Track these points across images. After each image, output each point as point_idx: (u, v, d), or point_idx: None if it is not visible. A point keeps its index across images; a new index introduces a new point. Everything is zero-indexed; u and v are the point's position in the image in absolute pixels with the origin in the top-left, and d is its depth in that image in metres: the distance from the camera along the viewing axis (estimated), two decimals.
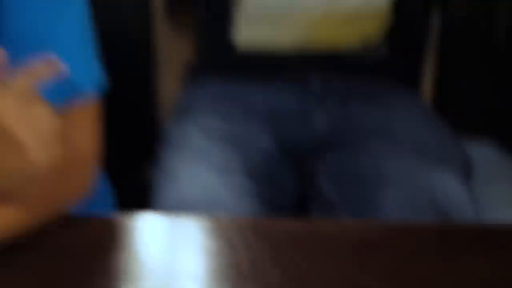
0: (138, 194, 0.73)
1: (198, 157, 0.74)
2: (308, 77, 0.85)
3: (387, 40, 0.86)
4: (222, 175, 0.70)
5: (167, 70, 0.95)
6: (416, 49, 0.94)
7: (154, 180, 0.73)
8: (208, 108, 0.83)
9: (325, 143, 0.82)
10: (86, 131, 0.62)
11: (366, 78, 0.86)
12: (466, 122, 0.86)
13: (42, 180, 0.48)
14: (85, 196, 0.56)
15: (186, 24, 0.99)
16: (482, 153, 0.78)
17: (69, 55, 0.57)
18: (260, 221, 0.60)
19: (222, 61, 0.90)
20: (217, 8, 0.88)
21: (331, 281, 0.43)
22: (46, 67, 0.48)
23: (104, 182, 0.68)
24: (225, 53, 0.89)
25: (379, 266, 0.45)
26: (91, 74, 0.64)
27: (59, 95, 0.57)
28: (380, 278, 0.43)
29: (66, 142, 0.53)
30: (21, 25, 0.64)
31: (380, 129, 0.79)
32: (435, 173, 0.71)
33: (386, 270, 0.44)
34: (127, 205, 0.64)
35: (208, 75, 0.90)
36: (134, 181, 0.81)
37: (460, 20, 0.90)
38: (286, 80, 0.86)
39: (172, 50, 0.97)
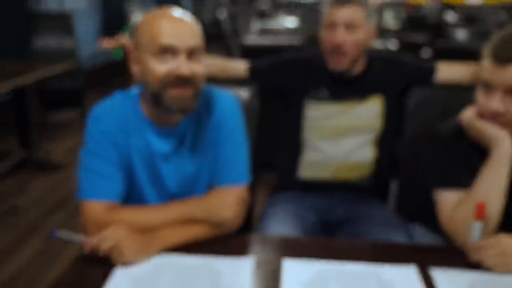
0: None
1: (279, 220, 1.51)
2: (334, 192, 1.67)
3: (372, 176, 1.67)
4: (288, 228, 1.47)
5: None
6: (387, 182, 1.77)
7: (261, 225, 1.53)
8: (284, 203, 1.62)
9: (342, 220, 1.62)
10: (234, 203, 1.24)
11: (362, 193, 1.67)
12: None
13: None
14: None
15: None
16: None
17: (242, 163, 1.31)
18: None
19: (292, 184, 1.70)
20: (289, 162, 1.73)
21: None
22: None
23: None
24: (294, 180, 1.70)
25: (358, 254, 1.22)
26: (246, 172, 1.30)
27: (228, 181, 1.27)
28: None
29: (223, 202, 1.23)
30: (224, 152, 1.28)
31: (367, 215, 1.58)
32: (392, 232, 1.48)
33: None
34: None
35: (284, 190, 1.72)
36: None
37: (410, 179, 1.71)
38: (324, 193, 1.67)
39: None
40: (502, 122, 1.21)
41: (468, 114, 1.29)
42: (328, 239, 1.48)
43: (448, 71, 1.67)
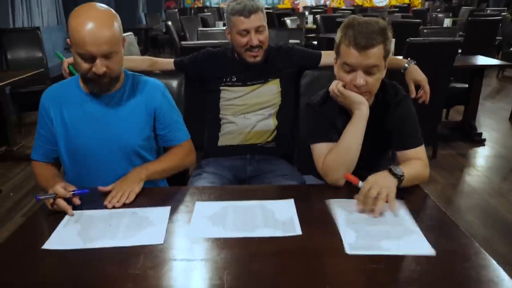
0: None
1: (203, 178, 1.64)
2: (246, 154, 1.80)
3: (274, 140, 1.82)
4: (210, 181, 1.61)
5: None
6: (288, 145, 1.92)
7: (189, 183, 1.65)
8: (207, 165, 1.75)
9: (251, 176, 1.77)
10: (184, 152, 1.51)
11: (267, 154, 1.81)
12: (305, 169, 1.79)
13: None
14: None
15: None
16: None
17: (183, 125, 1.54)
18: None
19: (214, 151, 1.83)
20: (211, 134, 1.85)
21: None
22: None
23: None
24: (215, 148, 1.83)
25: (254, 195, 1.37)
26: (185, 131, 1.54)
27: (174, 142, 1.49)
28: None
29: (176, 155, 1.47)
30: (169, 120, 1.50)
31: (270, 170, 1.73)
32: (289, 181, 1.64)
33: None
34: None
35: (208, 156, 1.85)
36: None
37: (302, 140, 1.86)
38: (237, 155, 1.80)
39: None
40: (363, 92, 1.38)
41: (335, 85, 1.43)
42: (233, 187, 1.62)
43: (328, 58, 1.82)
